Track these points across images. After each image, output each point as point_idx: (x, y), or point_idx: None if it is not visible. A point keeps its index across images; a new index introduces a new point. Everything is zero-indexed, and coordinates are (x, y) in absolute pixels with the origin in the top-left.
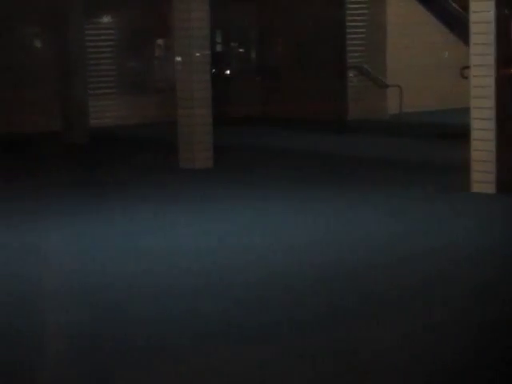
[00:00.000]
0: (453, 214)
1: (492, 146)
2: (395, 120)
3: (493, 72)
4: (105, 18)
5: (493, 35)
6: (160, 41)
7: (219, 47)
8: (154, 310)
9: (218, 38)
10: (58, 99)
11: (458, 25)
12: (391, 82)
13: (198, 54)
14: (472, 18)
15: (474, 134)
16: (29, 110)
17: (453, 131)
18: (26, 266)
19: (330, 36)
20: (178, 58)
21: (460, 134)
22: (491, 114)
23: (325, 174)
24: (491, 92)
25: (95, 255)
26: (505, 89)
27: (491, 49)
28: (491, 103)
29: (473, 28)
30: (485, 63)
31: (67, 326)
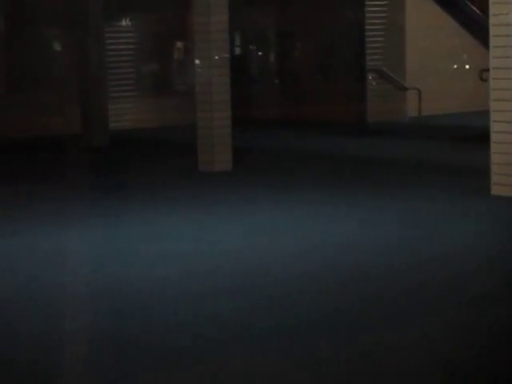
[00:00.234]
0: (471, 216)
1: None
2: (414, 123)
3: None
4: (124, 21)
5: None
6: (179, 44)
7: (239, 50)
8: (176, 313)
9: (238, 41)
10: (77, 102)
11: (477, 27)
12: (410, 84)
13: (217, 57)
14: (491, 20)
15: (494, 137)
16: (49, 113)
17: (474, 133)
18: (51, 269)
19: (349, 39)
20: (198, 61)
21: (480, 136)
22: (511, 116)
23: (346, 177)
24: (511, 95)
25: (116, 258)
26: None
27: (511, 51)
28: (511, 106)
29: (492, 31)
30: (504, 66)
31: (91, 328)
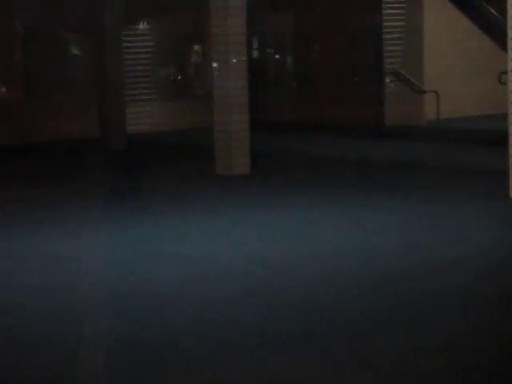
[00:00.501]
0: (490, 219)
1: None
2: (433, 126)
3: None
4: (142, 24)
5: None
6: (197, 47)
7: (256, 53)
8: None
9: (255, 45)
10: (95, 106)
11: (495, 30)
12: (428, 87)
13: (234, 60)
14: (510, 23)
15: None
16: (67, 116)
17: (492, 136)
18: (69, 272)
19: (367, 41)
20: (215, 64)
21: (498, 139)
22: None
23: (364, 180)
24: None
25: (135, 261)
26: None
27: None
28: None
29: (510, 33)
30: None
31: (109, 331)
